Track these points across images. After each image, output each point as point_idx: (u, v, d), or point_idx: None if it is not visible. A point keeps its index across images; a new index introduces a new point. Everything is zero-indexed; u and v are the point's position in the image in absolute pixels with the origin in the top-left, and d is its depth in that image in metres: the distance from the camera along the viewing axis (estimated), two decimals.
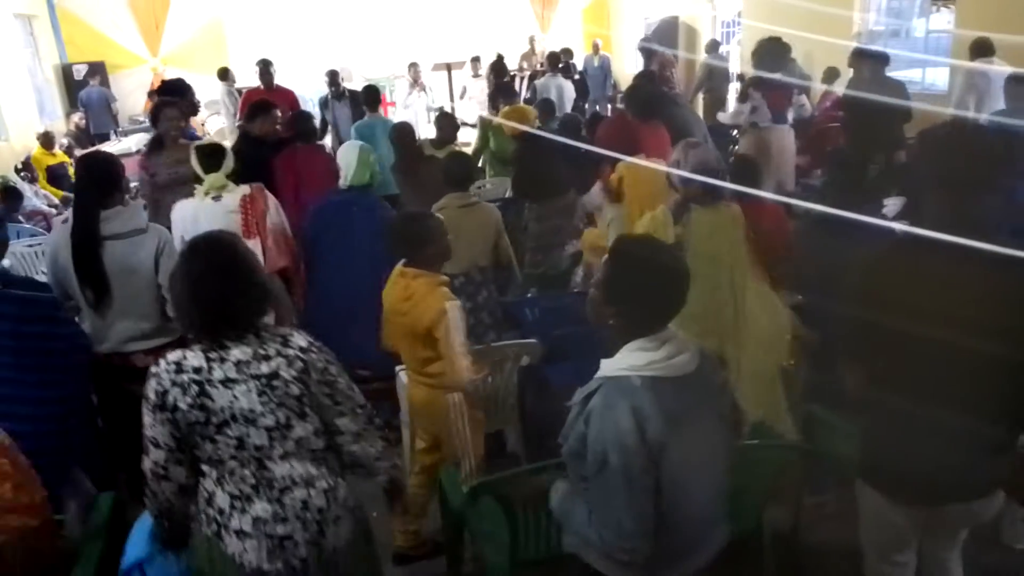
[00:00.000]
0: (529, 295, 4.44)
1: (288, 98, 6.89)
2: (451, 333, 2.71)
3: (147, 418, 1.82)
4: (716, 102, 9.49)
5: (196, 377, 1.80)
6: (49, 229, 6.29)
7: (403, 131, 5.36)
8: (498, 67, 10.04)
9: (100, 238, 2.83)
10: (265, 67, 7.18)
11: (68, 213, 4.53)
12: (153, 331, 2.93)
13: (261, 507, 1.87)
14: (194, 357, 1.83)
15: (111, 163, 3.08)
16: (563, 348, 3.38)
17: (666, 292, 1.70)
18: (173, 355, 1.84)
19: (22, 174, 7.80)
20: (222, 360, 1.82)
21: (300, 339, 1.92)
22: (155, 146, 4.71)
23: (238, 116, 7.02)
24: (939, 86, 7.83)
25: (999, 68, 5.81)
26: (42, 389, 2.68)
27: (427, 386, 2.84)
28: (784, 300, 3.02)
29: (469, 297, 3.71)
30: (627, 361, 1.68)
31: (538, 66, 10.74)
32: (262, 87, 7.11)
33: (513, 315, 3.97)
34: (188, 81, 6.35)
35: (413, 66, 10.76)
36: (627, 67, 12.22)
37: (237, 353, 1.84)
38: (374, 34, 13.06)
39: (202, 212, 3.49)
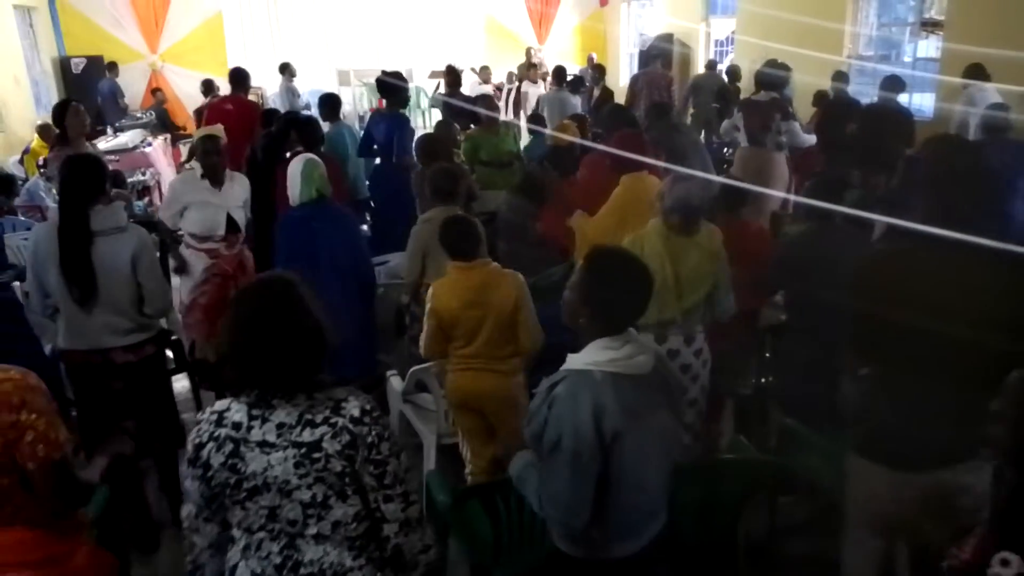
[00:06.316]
0: None
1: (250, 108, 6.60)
2: (530, 303, 2.96)
3: (185, 469, 1.69)
4: (701, 119, 9.59)
5: (234, 434, 1.62)
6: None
7: (425, 140, 5.29)
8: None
9: (90, 234, 2.80)
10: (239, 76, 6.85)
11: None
12: (131, 328, 2.94)
13: None
14: (238, 411, 1.65)
15: (97, 161, 3.10)
16: (555, 355, 3.45)
17: (633, 299, 1.90)
18: (221, 403, 1.69)
19: (41, 170, 7.67)
20: (264, 420, 1.63)
21: (354, 406, 1.65)
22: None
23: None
24: (926, 111, 7.99)
25: (988, 89, 5.93)
26: None
27: (500, 373, 2.98)
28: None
29: None
30: (592, 357, 1.85)
31: (536, 78, 10.85)
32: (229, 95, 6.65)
33: None
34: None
35: (484, 69, 10.98)
36: (621, 82, 12.37)
37: (282, 414, 1.63)
38: (371, 36, 13.15)
39: None
